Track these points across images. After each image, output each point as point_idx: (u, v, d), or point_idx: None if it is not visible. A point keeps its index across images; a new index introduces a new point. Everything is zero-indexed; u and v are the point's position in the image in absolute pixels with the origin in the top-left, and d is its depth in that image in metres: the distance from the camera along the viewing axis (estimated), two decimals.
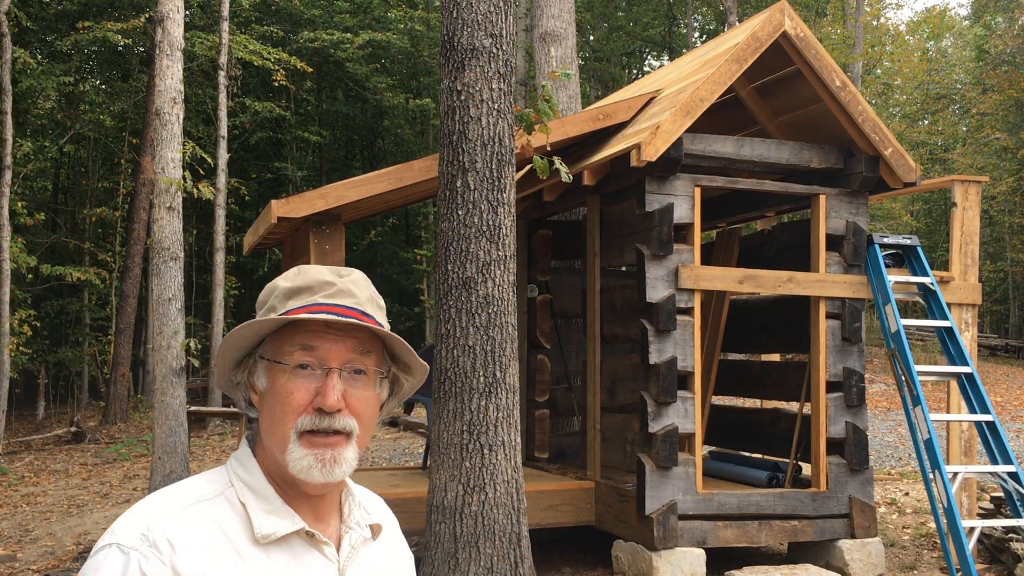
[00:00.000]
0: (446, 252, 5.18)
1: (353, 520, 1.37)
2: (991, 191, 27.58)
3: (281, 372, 1.28)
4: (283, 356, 1.28)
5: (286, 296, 1.30)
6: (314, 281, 1.30)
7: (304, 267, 1.34)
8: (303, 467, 1.25)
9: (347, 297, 1.30)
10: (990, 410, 6.11)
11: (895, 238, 6.62)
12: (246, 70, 19.27)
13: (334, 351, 1.28)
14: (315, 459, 1.25)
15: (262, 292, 1.35)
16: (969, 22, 39.28)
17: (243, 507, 1.27)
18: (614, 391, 7.02)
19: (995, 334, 31.86)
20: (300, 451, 1.25)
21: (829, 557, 6.24)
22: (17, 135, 15.84)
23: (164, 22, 8.07)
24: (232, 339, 1.29)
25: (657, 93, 6.92)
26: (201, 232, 22.30)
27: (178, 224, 7.98)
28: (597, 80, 29.16)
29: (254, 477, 1.30)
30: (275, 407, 1.28)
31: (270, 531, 1.26)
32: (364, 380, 1.31)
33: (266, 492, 1.29)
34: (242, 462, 1.33)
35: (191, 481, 1.31)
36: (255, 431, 1.37)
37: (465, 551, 4.97)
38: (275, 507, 1.28)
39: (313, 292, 1.29)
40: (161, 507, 1.24)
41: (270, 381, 1.30)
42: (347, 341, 1.29)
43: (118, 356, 16.54)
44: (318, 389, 1.26)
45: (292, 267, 1.38)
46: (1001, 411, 14.41)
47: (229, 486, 1.29)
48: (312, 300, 1.28)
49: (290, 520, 1.28)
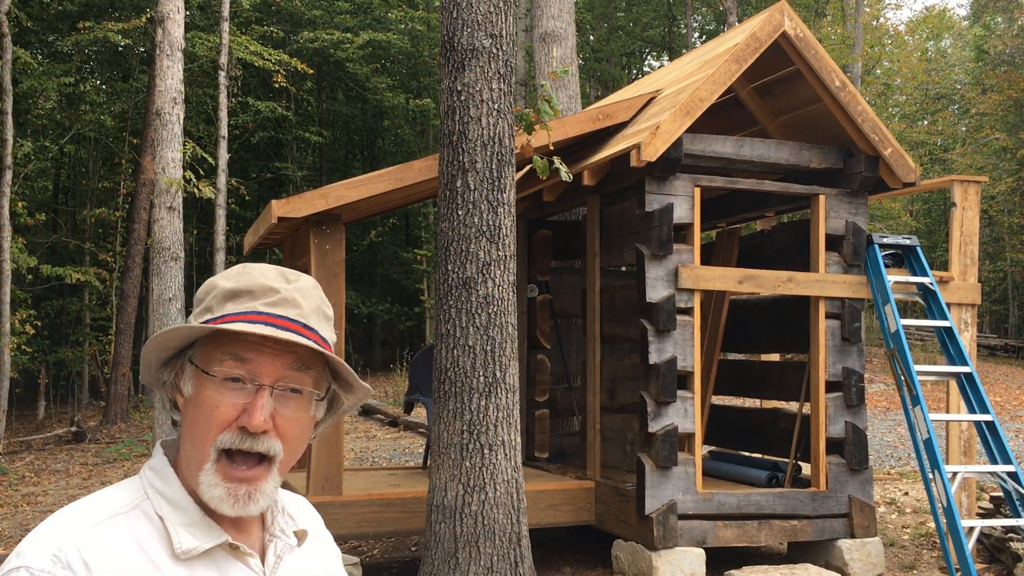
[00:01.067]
0: (446, 252, 5.19)
1: (277, 528, 1.28)
2: (990, 191, 27.58)
3: (209, 382, 1.17)
4: (212, 365, 1.18)
5: (225, 298, 1.20)
6: (256, 285, 1.19)
7: (249, 266, 1.23)
8: (214, 496, 1.17)
9: (290, 307, 1.19)
10: (989, 410, 6.12)
11: (895, 238, 6.63)
12: (246, 70, 19.27)
13: (268, 366, 1.17)
14: (227, 492, 1.16)
15: (201, 288, 1.24)
16: (968, 22, 39.29)
17: (160, 521, 1.18)
18: (614, 391, 7.03)
19: (994, 334, 31.87)
20: (214, 478, 1.16)
21: (829, 557, 6.25)
22: (18, 135, 15.85)
23: (164, 22, 8.08)
24: (159, 341, 1.19)
25: (657, 93, 6.93)
26: (201, 232, 22.31)
27: (178, 224, 7.99)
28: (597, 80, 29.17)
29: (171, 488, 1.20)
30: (198, 419, 1.18)
31: (191, 547, 1.16)
32: (298, 400, 1.20)
33: (184, 504, 1.19)
34: (158, 472, 1.22)
35: (103, 493, 1.21)
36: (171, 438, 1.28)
37: (465, 551, 4.98)
38: (195, 520, 1.18)
39: (254, 297, 1.19)
40: (73, 523, 1.15)
41: (196, 389, 1.19)
42: (284, 357, 1.18)
43: (119, 356, 16.55)
44: (245, 406, 1.16)
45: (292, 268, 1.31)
46: (1000, 411, 14.42)
47: (145, 498, 1.19)
48: (251, 307, 1.18)
49: (212, 533, 1.18)
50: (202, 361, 1.19)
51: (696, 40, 29.65)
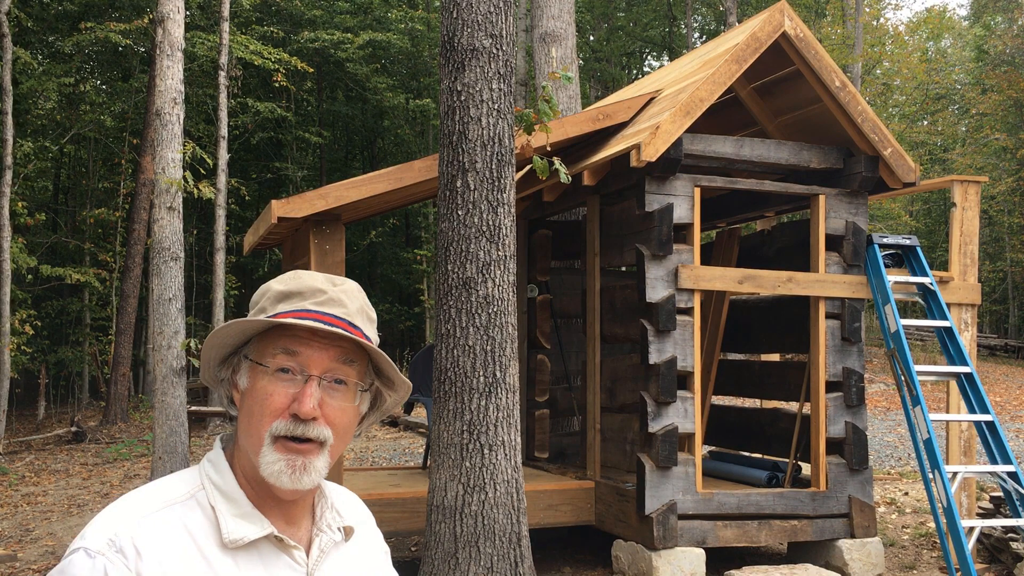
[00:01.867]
0: (446, 252, 5.19)
1: (324, 523, 1.36)
2: (990, 191, 27.59)
3: (262, 374, 1.28)
4: (265, 358, 1.28)
5: (277, 299, 1.30)
6: (306, 287, 1.30)
7: (300, 272, 1.34)
8: (274, 471, 1.25)
9: (336, 306, 1.29)
10: (989, 410, 6.12)
11: (894, 238, 6.63)
12: (247, 70, 19.28)
13: (316, 359, 1.27)
14: (286, 464, 1.25)
15: (256, 292, 1.35)
16: (969, 22, 39.28)
17: (212, 510, 1.26)
18: (614, 391, 7.03)
19: (994, 334, 31.87)
20: (273, 455, 1.25)
21: (829, 557, 6.25)
22: (18, 135, 15.85)
23: (164, 22, 8.08)
24: (218, 336, 1.29)
25: (657, 93, 6.93)
26: (201, 232, 22.32)
27: (178, 224, 7.99)
28: (597, 80, 29.17)
29: (225, 480, 1.29)
30: (253, 408, 1.27)
31: (238, 536, 1.25)
32: (343, 391, 1.30)
33: (236, 496, 1.28)
34: (214, 464, 1.32)
35: (163, 482, 1.30)
36: (229, 432, 1.37)
37: (465, 551, 4.98)
38: (245, 511, 1.27)
39: (304, 298, 1.29)
40: (130, 511, 1.23)
41: (251, 382, 1.29)
42: (330, 350, 1.28)
43: (118, 356, 16.55)
44: (296, 395, 1.26)
45: (291, 268, 1.38)
46: (1000, 411, 14.42)
47: (200, 488, 1.29)
48: (301, 306, 1.28)
49: (259, 525, 1.27)
50: (256, 355, 1.29)
51: (696, 40, 29.65)
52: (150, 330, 8.31)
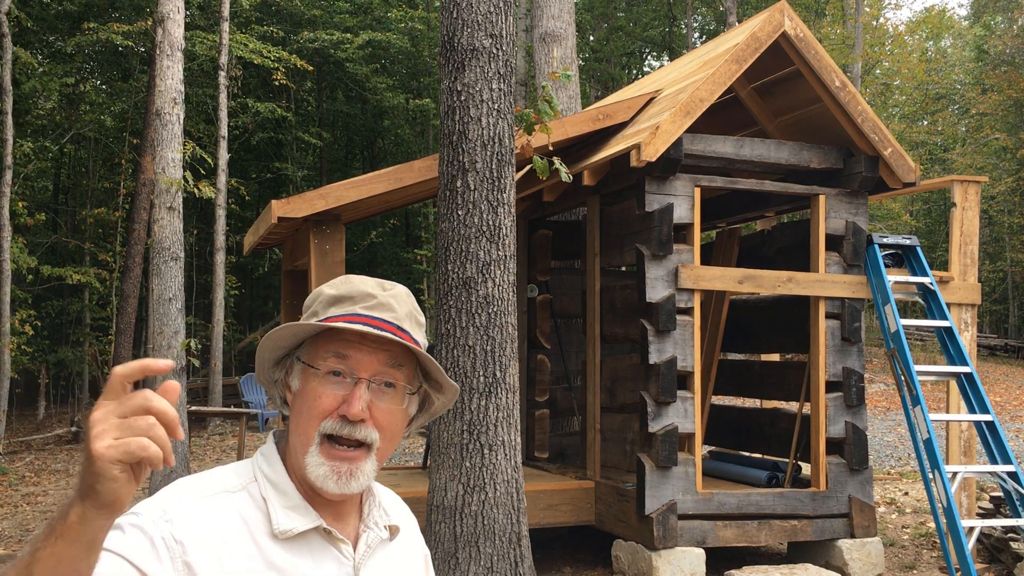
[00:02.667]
0: (446, 252, 5.19)
1: (372, 520, 1.39)
2: (990, 191, 27.59)
3: (313, 376, 1.31)
4: (317, 361, 1.31)
5: (328, 303, 1.33)
6: (356, 292, 1.33)
7: (351, 277, 1.37)
8: (319, 475, 1.28)
9: (386, 311, 1.32)
10: (989, 410, 6.12)
11: (895, 238, 6.63)
12: (247, 70, 19.27)
13: (365, 362, 1.30)
14: (331, 470, 1.28)
15: (309, 296, 1.38)
16: (969, 22, 39.29)
17: (264, 502, 1.29)
18: (614, 391, 7.03)
19: (994, 334, 31.86)
20: (319, 459, 1.28)
21: (829, 557, 6.25)
22: (18, 135, 15.85)
23: (164, 22, 8.08)
24: (271, 339, 1.33)
25: (657, 93, 6.93)
26: (201, 232, 22.31)
27: (178, 224, 7.99)
28: (597, 80, 29.16)
29: (277, 473, 1.33)
30: (303, 408, 1.31)
31: (288, 527, 1.28)
32: (392, 394, 1.32)
33: (287, 488, 1.31)
34: (267, 457, 1.35)
35: (218, 471, 1.34)
36: (283, 428, 1.40)
37: (465, 551, 4.98)
38: (295, 504, 1.30)
39: (354, 302, 1.32)
40: (186, 492, 1.27)
41: (302, 383, 1.32)
42: (379, 354, 1.31)
43: (119, 356, 16.53)
44: (345, 397, 1.29)
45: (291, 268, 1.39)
46: (1000, 411, 14.42)
47: (253, 481, 1.32)
48: (351, 310, 1.31)
49: (309, 517, 1.30)
50: (308, 358, 1.32)
51: (696, 40, 29.65)
52: (150, 330, 8.31)
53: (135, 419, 0.95)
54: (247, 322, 26.49)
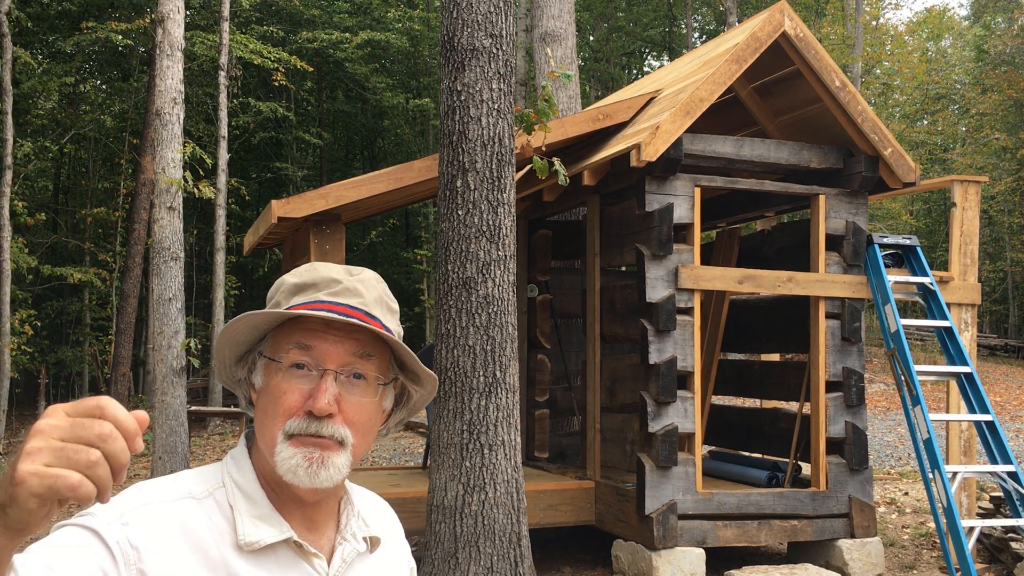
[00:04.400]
0: (446, 252, 5.19)
1: (349, 531, 1.29)
2: (990, 191, 27.59)
3: (276, 370, 1.21)
4: (279, 354, 1.21)
5: (291, 292, 1.24)
6: (320, 278, 1.24)
7: (315, 264, 1.27)
8: (290, 467, 1.17)
9: (352, 296, 1.23)
10: (989, 410, 6.12)
11: (895, 238, 6.63)
12: (246, 70, 19.28)
13: (332, 352, 1.20)
14: (303, 458, 1.17)
15: (272, 286, 1.29)
16: (969, 22, 39.29)
17: (231, 509, 1.19)
18: (614, 391, 7.03)
19: (994, 334, 31.87)
20: (288, 450, 1.17)
21: (829, 557, 6.25)
22: (18, 135, 15.85)
23: (164, 22, 8.08)
24: (229, 332, 1.22)
25: (657, 93, 6.93)
26: (201, 232, 22.32)
27: (178, 224, 7.99)
28: (597, 80, 29.16)
29: (246, 479, 1.22)
30: (267, 406, 1.21)
31: (254, 538, 1.17)
32: (363, 386, 1.22)
33: (256, 496, 1.21)
34: (237, 461, 1.25)
35: (183, 475, 1.23)
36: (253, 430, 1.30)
37: (465, 551, 4.98)
38: (263, 513, 1.20)
39: (318, 289, 1.23)
40: (144, 496, 1.16)
41: (265, 379, 1.23)
42: (346, 343, 1.20)
43: (118, 356, 16.55)
44: (311, 391, 1.18)
45: (293, 267, 1.33)
46: (1000, 411, 14.42)
47: (220, 486, 1.22)
48: (315, 297, 1.22)
49: (278, 528, 1.19)
50: (270, 352, 1.23)
51: (696, 40, 29.65)
52: (150, 330, 8.31)
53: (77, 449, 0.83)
54: None
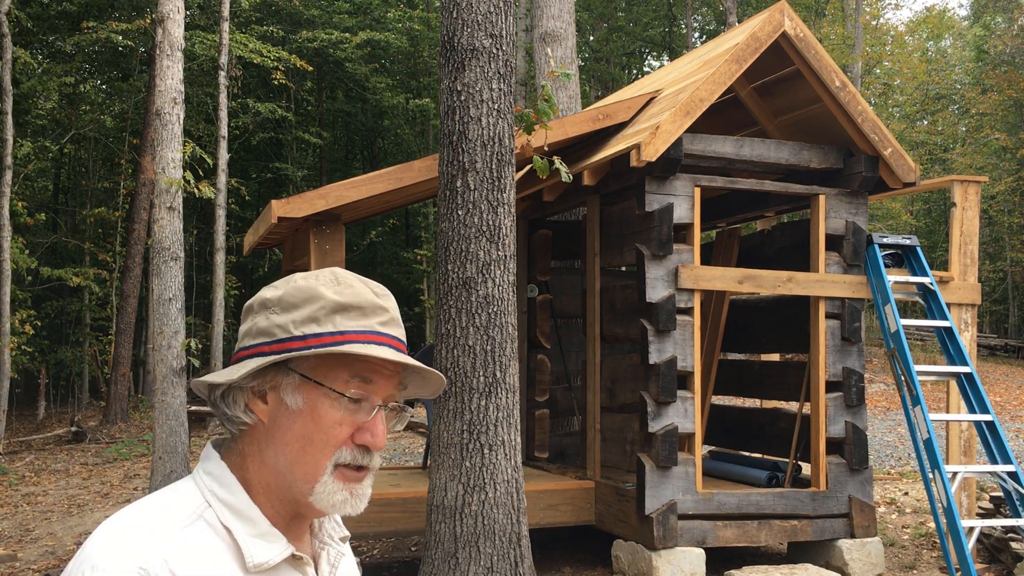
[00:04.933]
0: (446, 252, 5.19)
1: (326, 534, 1.29)
2: (990, 191, 27.60)
3: (329, 398, 1.16)
4: (337, 384, 1.17)
5: (334, 310, 1.17)
6: (366, 302, 1.19)
7: (341, 275, 1.21)
8: (336, 502, 1.18)
9: (396, 327, 1.21)
10: (989, 410, 6.12)
11: (894, 238, 6.63)
12: (246, 70, 19.29)
13: (385, 387, 1.20)
14: (349, 493, 1.18)
15: (293, 290, 1.20)
16: (969, 22, 39.28)
17: (227, 531, 1.15)
18: (614, 391, 7.03)
19: (994, 334, 31.86)
20: (335, 485, 1.17)
21: (829, 557, 6.25)
22: (18, 135, 15.85)
23: (164, 22, 8.08)
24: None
25: (657, 93, 6.93)
26: (201, 232, 22.32)
27: (178, 224, 7.99)
28: (597, 80, 29.16)
29: (237, 498, 1.17)
30: (313, 435, 1.16)
31: (263, 560, 1.15)
32: (391, 415, 1.23)
33: (252, 515, 1.17)
34: (218, 478, 1.19)
35: (162, 500, 1.17)
36: (219, 438, 1.26)
37: (465, 551, 4.98)
38: (263, 531, 1.17)
39: (365, 315, 1.18)
40: (152, 531, 1.11)
41: (309, 404, 1.17)
42: (396, 377, 1.21)
43: (118, 356, 16.55)
44: (361, 424, 1.18)
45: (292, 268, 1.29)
46: (1000, 411, 14.42)
47: (207, 506, 1.16)
48: (368, 326, 1.18)
49: (280, 545, 1.18)
50: (321, 376, 1.17)
51: (696, 40, 29.65)
52: (150, 330, 8.31)
53: None
54: None
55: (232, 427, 1.21)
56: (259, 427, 1.19)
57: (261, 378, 1.18)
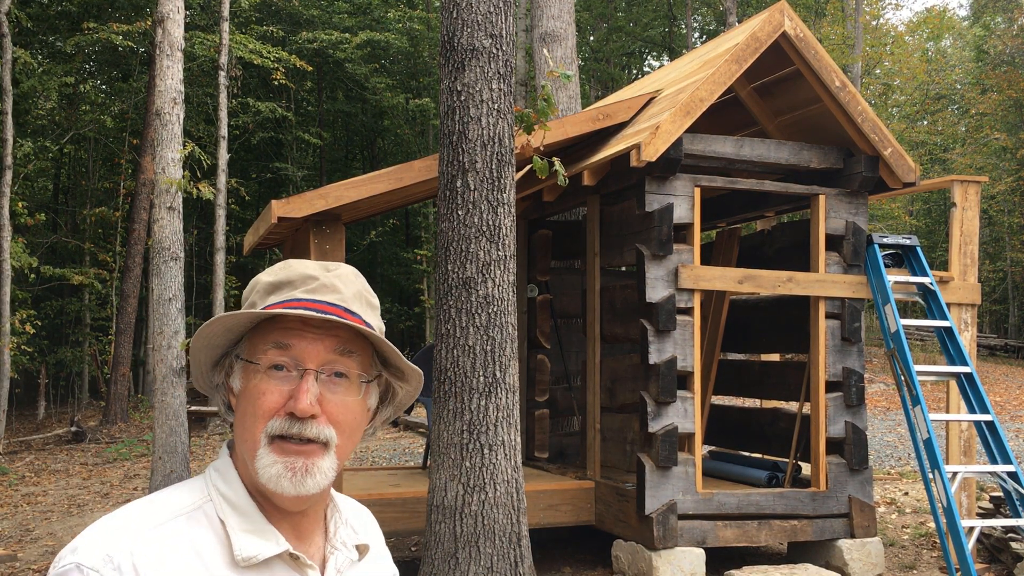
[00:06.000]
0: (446, 252, 5.19)
1: (339, 540, 1.26)
2: (990, 191, 27.60)
3: (254, 372, 1.18)
4: (256, 355, 1.18)
5: (267, 291, 1.21)
6: (296, 275, 1.21)
7: (290, 261, 1.24)
8: (272, 475, 1.14)
9: (330, 292, 1.19)
10: (989, 410, 6.12)
11: (894, 238, 6.63)
12: (246, 70, 19.29)
13: (311, 351, 1.16)
14: (284, 467, 1.14)
15: (247, 286, 1.25)
16: (969, 22, 39.29)
17: (222, 524, 1.16)
18: (614, 391, 7.03)
19: (994, 334, 31.87)
20: (270, 457, 1.14)
21: (829, 557, 6.25)
22: (18, 135, 15.85)
23: (164, 22, 8.08)
24: (203, 337, 1.19)
25: (657, 93, 6.93)
26: (201, 232, 22.32)
27: (178, 224, 7.99)
28: (597, 80, 29.17)
29: (234, 490, 1.19)
30: (247, 409, 1.17)
31: (251, 554, 1.14)
32: (345, 384, 1.19)
33: (247, 508, 1.18)
34: (221, 473, 1.21)
35: (166, 493, 1.19)
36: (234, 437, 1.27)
37: (465, 551, 4.98)
38: (257, 526, 1.17)
39: (293, 287, 1.19)
40: (130, 525, 1.13)
41: (244, 382, 1.19)
42: (326, 340, 1.17)
43: (118, 356, 16.55)
44: (292, 392, 1.16)
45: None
46: (1000, 411, 14.42)
47: (207, 500, 1.18)
48: (291, 295, 1.18)
49: (273, 541, 1.16)
50: (248, 354, 1.20)
51: (696, 40, 29.65)
52: (150, 330, 8.31)
53: None
54: None
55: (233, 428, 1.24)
56: (235, 419, 1.22)
57: (220, 373, 1.23)
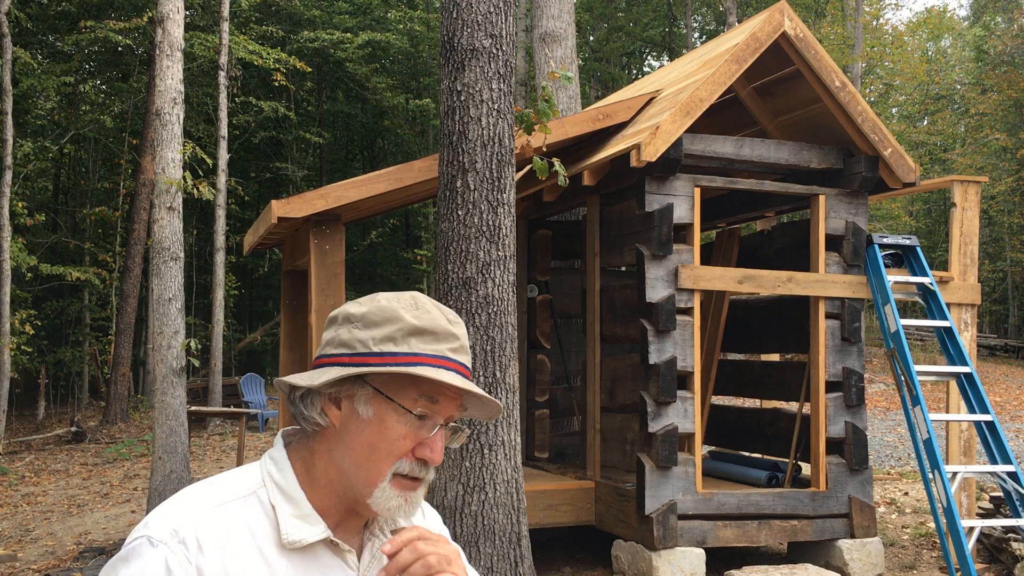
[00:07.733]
0: (446, 252, 5.19)
1: (377, 527, 1.38)
2: (990, 191, 27.59)
3: (397, 415, 1.28)
4: (406, 401, 1.28)
5: (409, 333, 1.28)
6: (439, 328, 1.30)
7: (420, 300, 1.33)
8: (391, 507, 1.30)
9: (465, 355, 1.32)
10: (989, 410, 6.12)
11: (894, 238, 6.63)
12: (246, 70, 19.28)
13: (448, 408, 1.31)
14: (403, 500, 1.30)
15: (375, 309, 1.31)
16: (968, 23, 39.28)
17: (273, 509, 1.29)
18: (614, 391, 7.03)
19: (994, 334, 31.86)
20: (392, 491, 1.29)
21: (829, 557, 6.25)
22: (17, 135, 15.85)
23: (164, 22, 8.08)
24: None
25: (657, 93, 6.93)
26: (201, 232, 22.31)
27: (178, 224, 7.99)
28: (597, 80, 29.17)
29: (287, 480, 1.31)
30: (379, 444, 1.28)
31: (297, 538, 1.27)
32: (450, 433, 1.35)
33: (296, 496, 1.30)
34: (276, 462, 1.33)
35: (227, 477, 1.33)
36: (291, 428, 1.37)
37: (465, 551, 4.97)
38: (304, 513, 1.29)
39: (438, 340, 1.29)
40: (194, 504, 1.26)
41: (378, 415, 1.29)
42: (458, 400, 1.32)
43: (118, 356, 16.55)
44: (423, 440, 1.29)
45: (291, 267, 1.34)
46: (1000, 411, 14.42)
47: (261, 485, 1.31)
48: (440, 351, 1.29)
49: (318, 528, 1.29)
50: (392, 392, 1.29)
51: (696, 40, 29.65)
52: (150, 330, 8.32)
53: None
54: (247, 322, 26.49)
55: (307, 426, 1.33)
56: (331, 429, 1.31)
57: (338, 386, 1.30)
